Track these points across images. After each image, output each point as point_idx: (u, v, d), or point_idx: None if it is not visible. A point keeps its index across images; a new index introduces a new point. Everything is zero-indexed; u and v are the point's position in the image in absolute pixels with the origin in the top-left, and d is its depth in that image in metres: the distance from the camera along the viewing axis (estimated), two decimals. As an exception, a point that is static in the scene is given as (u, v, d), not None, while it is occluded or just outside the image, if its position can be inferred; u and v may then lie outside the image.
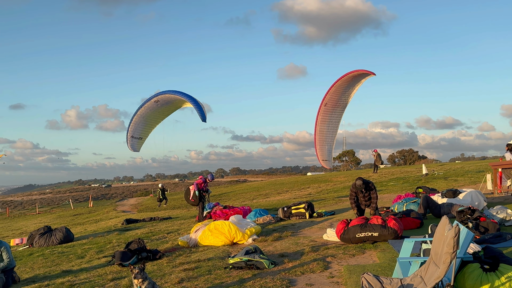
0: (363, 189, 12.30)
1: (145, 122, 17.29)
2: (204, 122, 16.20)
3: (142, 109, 16.96)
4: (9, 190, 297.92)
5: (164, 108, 17.21)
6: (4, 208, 70.94)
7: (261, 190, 37.56)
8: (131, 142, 17.35)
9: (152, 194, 63.27)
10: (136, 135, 17.31)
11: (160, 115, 17.55)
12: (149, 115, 17.14)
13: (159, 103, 16.72)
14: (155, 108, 16.96)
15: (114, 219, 25.51)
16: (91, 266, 10.79)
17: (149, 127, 17.58)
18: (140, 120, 17.11)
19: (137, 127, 17.19)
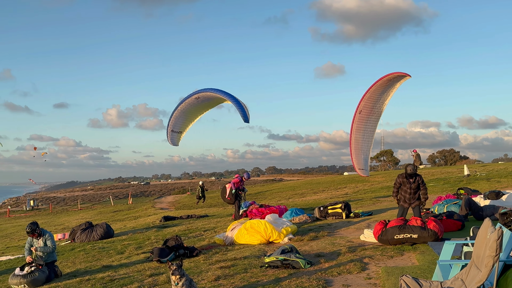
0: (412, 177, 11.52)
1: (185, 117, 17.63)
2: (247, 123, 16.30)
3: (183, 105, 17.30)
4: (52, 187, 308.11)
5: (204, 105, 17.50)
6: (47, 204, 73.43)
7: (297, 190, 37.44)
8: (171, 136, 17.72)
9: (189, 192, 64.05)
10: (176, 129, 17.70)
11: (199, 111, 17.87)
12: (189, 110, 17.48)
13: (199, 100, 17.00)
14: (195, 104, 17.26)
15: (152, 216, 26.00)
16: (130, 262, 11.03)
17: (188, 122, 17.91)
18: (180, 115, 17.45)
19: (177, 121, 17.55)
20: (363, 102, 30.12)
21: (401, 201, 11.70)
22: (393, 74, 28.34)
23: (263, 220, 11.85)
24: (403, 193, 11.65)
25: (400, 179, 11.71)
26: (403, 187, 11.67)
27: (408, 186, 11.55)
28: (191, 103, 17.26)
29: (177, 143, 18.10)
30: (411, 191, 11.54)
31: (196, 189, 36.68)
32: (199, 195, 34.64)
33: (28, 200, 73.28)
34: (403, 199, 11.66)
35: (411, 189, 11.54)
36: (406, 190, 11.59)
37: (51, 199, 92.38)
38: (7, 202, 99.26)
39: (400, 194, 11.72)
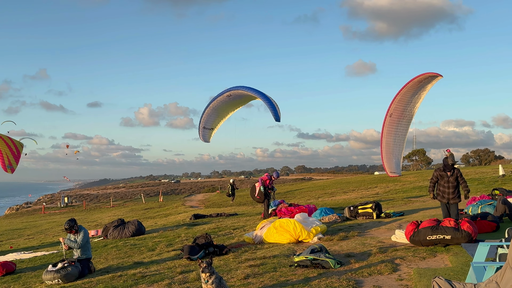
0: (451, 170, 11.13)
1: (216, 114, 17.83)
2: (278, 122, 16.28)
3: (214, 102, 17.51)
4: (86, 184, 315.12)
5: (236, 102, 17.67)
6: (81, 201, 75.15)
7: (326, 189, 37.20)
8: (203, 133, 17.95)
9: (219, 190, 64.44)
10: (207, 126, 17.92)
11: (231, 109, 18.04)
12: (221, 107, 17.68)
13: (231, 97, 17.17)
14: (227, 102, 17.44)
15: (182, 214, 26.30)
16: (161, 259, 11.19)
17: (219, 119, 18.12)
18: (212, 112, 17.67)
19: (209, 118, 17.76)
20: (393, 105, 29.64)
21: (438, 197, 11.43)
22: (424, 75, 27.78)
23: (293, 219, 11.83)
24: (441, 188, 11.34)
25: (437, 172, 11.41)
26: (440, 182, 11.36)
27: (446, 180, 11.23)
28: (223, 101, 17.44)
29: (208, 140, 18.31)
30: (450, 184, 11.21)
31: (227, 187, 36.87)
32: (229, 193, 34.79)
33: (62, 197, 75.20)
34: (441, 194, 11.36)
35: (449, 182, 11.21)
36: (444, 184, 11.28)
37: (84, 196, 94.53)
38: (42, 199, 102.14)
39: (438, 189, 11.43)
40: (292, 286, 7.15)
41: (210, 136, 18.24)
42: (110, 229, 17.56)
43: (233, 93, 17.00)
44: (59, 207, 65.24)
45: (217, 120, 18.14)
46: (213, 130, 18.23)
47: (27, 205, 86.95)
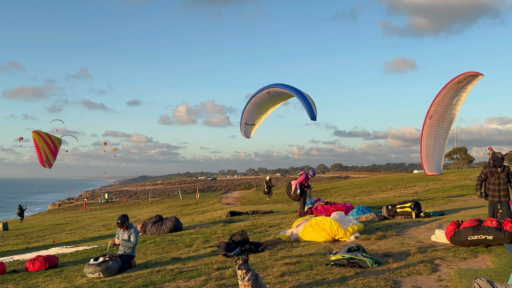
0: (501, 166, 10.72)
1: (257, 110, 17.92)
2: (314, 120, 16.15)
3: (254, 98, 17.61)
4: (125, 181, 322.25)
5: (275, 99, 17.71)
6: (121, 197, 76.90)
7: (363, 187, 36.72)
8: (244, 128, 18.08)
9: (255, 188, 64.58)
10: (249, 122, 18.04)
11: (270, 105, 18.09)
12: (261, 104, 17.77)
13: (270, 94, 17.23)
14: (266, 98, 17.50)
15: (219, 211, 26.52)
16: (198, 255, 11.34)
17: (260, 115, 18.22)
18: (253, 108, 17.78)
19: (250, 114, 17.88)
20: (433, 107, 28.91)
21: (489, 196, 11.05)
22: (464, 75, 26.94)
23: (329, 217, 11.75)
24: (491, 186, 10.96)
25: (487, 169, 11.04)
26: (490, 179, 10.98)
27: (496, 177, 10.86)
28: (263, 97, 17.51)
29: (249, 135, 18.43)
30: (501, 181, 10.82)
31: (263, 185, 36.92)
32: (265, 190, 34.81)
33: (103, 193, 77.20)
34: (491, 193, 10.99)
35: (500, 179, 10.82)
36: (494, 181, 10.90)
37: (124, 193, 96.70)
38: (83, 195, 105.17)
39: (487, 187, 11.06)
40: (329, 284, 7.10)
41: (252, 132, 18.35)
42: (148, 225, 17.89)
43: (271, 90, 17.05)
44: (99, 203, 67.00)
45: (258, 116, 18.23)
46: (255, 126, 18.34)
47: (69, 200, 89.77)
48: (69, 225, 32.51)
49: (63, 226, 31.57)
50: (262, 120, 18.51)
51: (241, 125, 18.33)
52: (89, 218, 37.44)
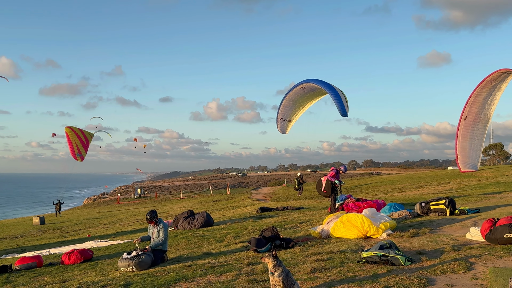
0: None
1: (293, 105, 17.78)
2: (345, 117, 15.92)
3: (290, 94, 17.48)
4: (157, 176, 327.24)
5: (310, 95, 17.50)
6: (153, 192, 78.11)
7: (396, 184, 36.18)
8: (281, 124, 17.98)
9: (285, 184, 64.51)
10: (285, 118, 17.92)
11: (306, 101, 17.89)
12: (297, 100, 17.63)
13: (305, 90, 17.07)
14: (302, 94, 17.34)
15: (249, 207, 26.62)
16: (228, 250, 11.41)
17: (296, 111, 18.05)
18: (289, 103, 17.66)
19: (286, 110, 17.77)
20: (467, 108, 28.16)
21: None
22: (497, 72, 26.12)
23: (360, 214, 11.62)
24: None
25: None
26: None
27: None
28: (298, 93, 17.35)
29: (286, 131, 18.33)
30: None
31: (294, 181, 36.84)
32: (296, 187, 34.71)
33: (136, 188, 78.60)
34: None
35: None
36: None
37: (156, 188, 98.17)
38: (117, 190, 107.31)
39: None
40: (360, 282, 7.03)
41: (288, 128, 18.24)
42: (180, 220, 18.11)
43: (306, 85, 16.89)
44: (133, 198, 68.27)
45: (294, 112, 18.06)
46: (291, 122, 18.21)
47: (103, 195, 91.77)
48: (104, 219, 33.23)
49: (97, 221, 32.30)
50: (298, 116, 18.34)
51: (277, 121, 18.22)
52: (122, 213, 38.19)
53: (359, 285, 6.87)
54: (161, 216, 28.60)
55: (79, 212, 50.36)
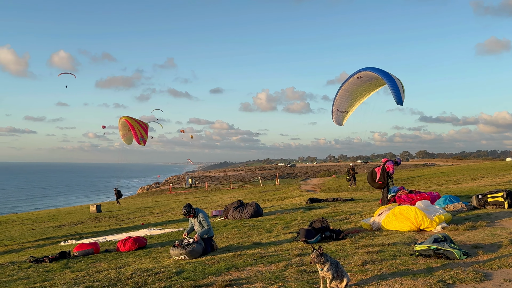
0: None
1: (349, 96, 17.21)
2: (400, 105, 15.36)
3: (346, 84, 16.91)
4: (208, 166, 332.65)
5: (367, 85, 16.85)
6: (203, 182, 79.46)
7: (451, 175, 35.02)
8: (336, 116, 17.54)
9: (335, 175, 63.89)
10: (341, 109, 17.43)
11: (363, 92, 17.21)
12: (353, 90, 17.03)
13: (362, 79, 16.47)
14: (358, 84, 16.74)
15: (298, 198, 26.58)
16: (278, 241, 11.45)
17: (353, 102, 17.45)
18: (344, 94, 17.14)
19: (342, 101, 17.28)
20: None
21: None
22: None
23: (413, 206, 11.34)
24: None
25: None
26: None
27: None
28: (354, 83, 16.73)
29: (342, 123, 17.88)
30: None
31: (346, 172, 36.40)
32: (348, 178, 34.29)
33: (187, 178, 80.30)
34: None
35: None
36: None
37: (206, 178, 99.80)
38: (169, 180, 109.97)
39: None
40: (413, 275, 6.88)
41: (344, 120, 17.74)
42: (230, 210, 18.35)
43: (362, 74, 16.28)
44: (184, 187, 69.75)
45: (351, 103, 17.44)
46: (347, 114, 17.66)
47: (156, 185, 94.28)
48: (157, 208, 34.17)
49: (151, 209, 33.26)
50: (355, 107, 17.70)
51: (332, 112, 17.76)
52: (174, 202, 39.11)
53: (412, 278, 6.72)
54: (212, 206, 29.09)
55: (133, 201, 52.01)
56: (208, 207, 28.79)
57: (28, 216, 35.43)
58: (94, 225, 24.95)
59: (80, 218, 30.21)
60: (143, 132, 29.12)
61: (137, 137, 28.88)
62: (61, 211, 40.29)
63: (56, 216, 34.00)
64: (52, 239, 18.86)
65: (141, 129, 29.13)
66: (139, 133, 28.86)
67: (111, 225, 23.83)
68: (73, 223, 26.95)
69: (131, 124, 28.88)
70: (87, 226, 24.34)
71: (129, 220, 25.80)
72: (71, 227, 24.88)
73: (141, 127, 29.28)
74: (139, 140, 28.98)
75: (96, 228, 22.25)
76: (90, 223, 26.49)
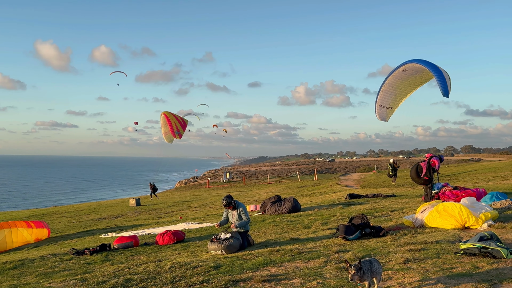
0: None
1: (394, 91, 16.68)
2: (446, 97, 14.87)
3: (390, 78, 16.38)
4: (245, 161, 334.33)
5: (413, 78, 16.27)
6: (241, 177, 79.91)
7: (498, 171, 33.87)
8: (379, 111, 17.10)
9: (375, 170, 62.98)
10: (384, 104, 16.93)
11: (408, 86, 16.62)
12: (398, 84, 16.48)
13: (407, 72, 15.94)
14: (403, 78, 16.19)
15: (337, 193, 26.35)
16: (316, 237, 11.39)
17: (398, 97, 16.90)
18: (388, 89, 16.64)
19: (386, 96, 16.79)
20: None
21: None
22: None
23: (458, 203, 11.03)
24: None
25: None
26: None
27: None
28: (399, 76, 16.17)
29: (386, 119, 17.41)
30: None
31: (387, 167, 35.79)
32: (390, 173, 33.70)
33: (224, 173, 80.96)
34: None
35: None
36: None
37: (244, 173, 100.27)
38: (207, 174, 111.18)
39: None
40: (458, 274, 6.70)
41: (389, 116, 17.26)
42: (267, 205, 18.38)
43: (408, 66, 15.74)
44: (221, 182, 70.35)
45: (395, 98, 16.84)
46: (392, 110, 17.16)
47: (194, 179, 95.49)
48: (194, 202, 34.64)
49: (189, 203, 33.74)
50: (400, 103, 17.14)
51: (376, 107, 17.33)
52: (212, 196, 39.53)
53: (457, 277, 6.55)
54: (249, 201, 29.23)
55: (171, 194, 52.90)
56: (245, 201, 28.94)
57: (69, 209, 36.63)
58: (133, 218, 25.54)
59: (120, 211, 30.98)
60: (179, 127, 29.80)
61: (173, 131, 29.63)
62: (102, 204, 41.44)
63: (96, 209, 35.00)
64: (92, 232, 19.44)
65: (178, 123, 29.83)
66: (175, 127, 29.58)
67: (149, 218, 24.33)
68: (113, 216, 27.67)
69: (168, 119, 29.60)
70: (127, 219, 24.94)
71: (168, 214, 26.26)
72: (111, 220, 25.55)
73: (179, 122, 29.99)
74: (175, 133, 29.76)
75: (135, 222, 22.77)
76: (130, 216, 27.12)
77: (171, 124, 29.54)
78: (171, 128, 29.53)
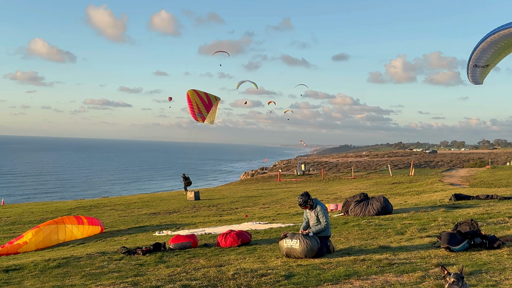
0: None
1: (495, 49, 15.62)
2: None
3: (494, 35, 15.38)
4: (325, 150, 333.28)
5: None
6: (319, 169, 79.69)
7: None
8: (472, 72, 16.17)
9: (490, 165, 60.58)
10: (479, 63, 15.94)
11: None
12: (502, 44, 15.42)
13: None
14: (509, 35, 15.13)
15: (439, 193, 25.64)
16: (411, 245, 11.16)
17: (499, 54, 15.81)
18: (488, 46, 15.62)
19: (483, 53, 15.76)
20: None
21: None
22: None
23: None
24: None
25: None
26: None
27: None
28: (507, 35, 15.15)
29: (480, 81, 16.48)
30: None
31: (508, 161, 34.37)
32: None
33: (299, 164, 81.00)
34: None
35: None
36: None
37: (322, 164, 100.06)
38: (278, 165, 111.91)
39: None
40: None
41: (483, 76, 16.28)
42: (351, 204, 18.21)
43: None
44: (295, 175, 70.51)
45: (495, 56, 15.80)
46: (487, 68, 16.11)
47: (262, 170, 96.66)
48: (263, 198, 35.02)
49: (256, 199, 34.17)
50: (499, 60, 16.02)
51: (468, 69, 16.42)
52: (283, 192, 39.78)
53: None
54: (328, 199, 29.12)
55: (235, 188, 53.78)
56: (324, 199, 28.88)
57: (120, 201, 38.21)
58: (191, 214, 26.26)
59: (176, 206, 31.89)
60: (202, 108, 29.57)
61: (194, 113, 29.53)
62: (156, 197, 42.85)
63: (150, 202, 36.25)
64: (145, 228, 20.20)
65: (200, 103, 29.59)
66: (196, 108, 29.43)
67: (210, 215, 24.91)
68: (168, 211, 28.58)
69: (189, 98, 29.52)
70: (184, 215, 25.67)
71: (231, 211, 26.75)
72: (166, 215, 26.41)
73: (202, 102, 29.71)
74: (196, 115, 29.60)
75: (194, 218, 23.39)
76: (187, 212, 27.90)
77: (192, 104, 29.34)
78: (192, 110, 29.40)
